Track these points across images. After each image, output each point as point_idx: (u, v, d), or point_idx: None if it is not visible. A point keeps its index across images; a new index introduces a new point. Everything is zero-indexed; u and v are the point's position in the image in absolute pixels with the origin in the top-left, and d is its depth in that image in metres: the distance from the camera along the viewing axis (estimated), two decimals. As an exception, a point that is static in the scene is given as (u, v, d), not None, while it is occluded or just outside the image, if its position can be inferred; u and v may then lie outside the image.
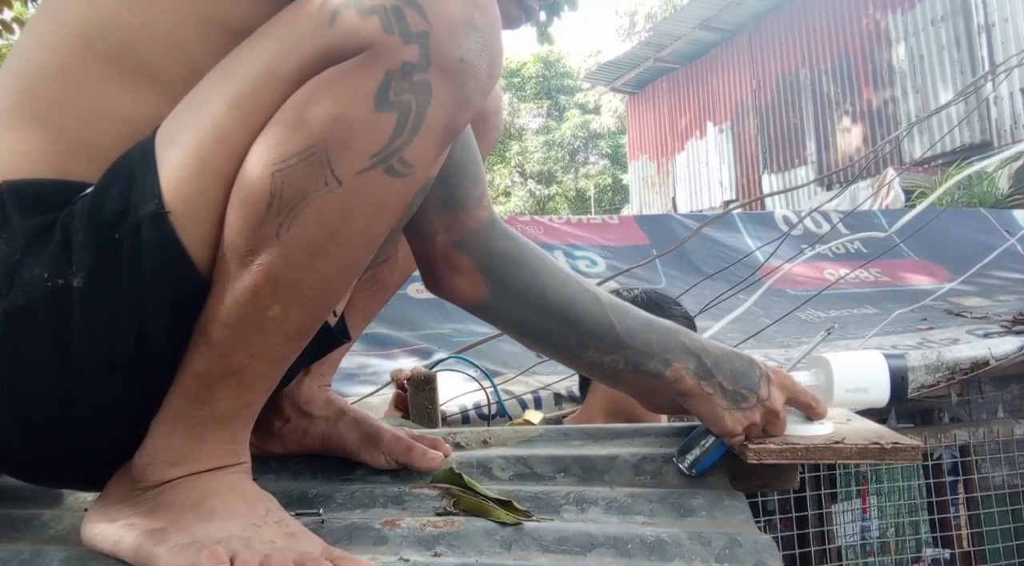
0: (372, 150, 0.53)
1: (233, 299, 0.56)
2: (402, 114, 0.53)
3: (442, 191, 0.67)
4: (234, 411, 0.60)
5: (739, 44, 9.77)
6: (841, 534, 1.97)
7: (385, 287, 0.90)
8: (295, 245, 0.55)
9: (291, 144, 0.53)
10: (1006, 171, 5.60)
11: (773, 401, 0.76)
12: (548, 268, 0.73)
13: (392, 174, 0.54)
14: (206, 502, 0.59)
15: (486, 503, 0.73)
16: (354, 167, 0.53)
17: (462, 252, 0.69)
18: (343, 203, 0.54)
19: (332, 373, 0.90)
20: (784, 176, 9.04)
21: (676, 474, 0.85)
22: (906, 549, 2.00)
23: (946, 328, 2.46)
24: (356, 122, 0.53)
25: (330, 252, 0.56)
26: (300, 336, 0.60)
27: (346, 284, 0.60)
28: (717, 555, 0.67)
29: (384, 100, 0.52)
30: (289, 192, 0.54)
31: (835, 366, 0.83)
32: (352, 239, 0.56)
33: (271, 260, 0.55)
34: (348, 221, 0.55)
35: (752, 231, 3.58)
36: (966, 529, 2.00)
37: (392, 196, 0.55)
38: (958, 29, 7.20)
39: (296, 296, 0.56)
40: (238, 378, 0.58)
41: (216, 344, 0.57)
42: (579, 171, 17.95)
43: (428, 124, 0.54)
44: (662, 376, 0.75)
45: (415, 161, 0.54)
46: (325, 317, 0.61)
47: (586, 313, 0.73)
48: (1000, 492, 1.99)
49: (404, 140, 0.53)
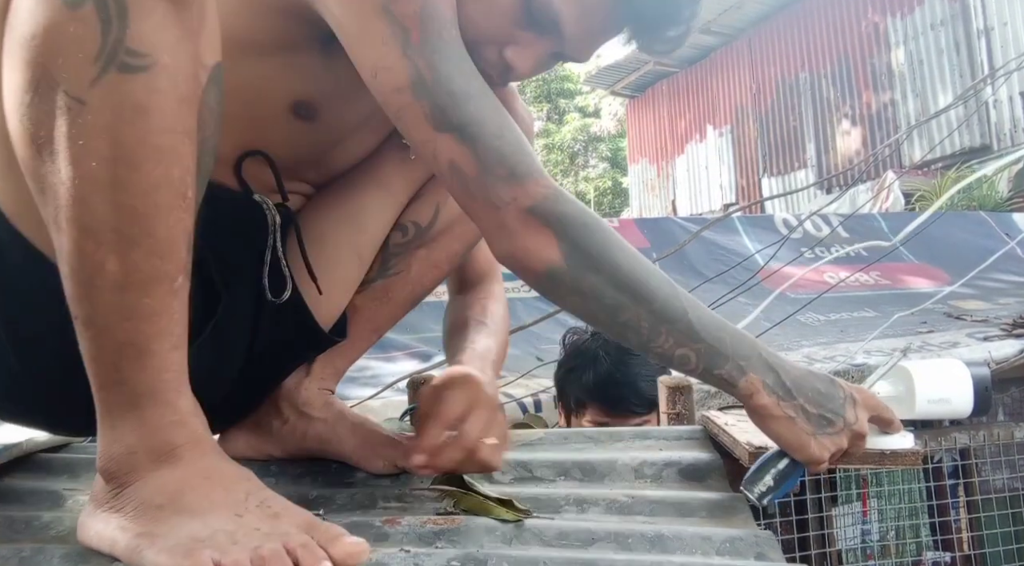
0: (90, 54, 0.49)
1: (70, 267, 0.54)
2: (98, 2, 0.48)
3: (504, 168, 0.66)
4: (152, 381, 0.57)
5: (739, 48, 9.78)
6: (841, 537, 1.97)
7: (395, 300, 0.89)
8: (83, 184, 0.51)
9: (17, 81, 0.50)
10: (1005, 174, 5.60)
11: (860, 425, 0.72)
12: (620, 240, 0.70)
13: (128, 70, 0.49)
14: (183, 497, 0.57)
15: (486, 502, 0.73)
16: (84, 79, 0.49)
17: (534, 215, 0.67)
18: (98, 121, 0.50)
19: (334, 379, 0.90)
20: (784, 179, 9.04)
21: (676, 477, 0.85)
22: (906, 552, 1.99)
23: (946, 331, 2.45)
24: (58, 31, 0.48)
25: (121, 179, 0.51)
26: (158, 280, 0.55)
27: (168, 208, 0.54)
28: (718, 548, 0.67)
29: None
30: (44, 131, 0.50)
31: (916, 376, 0.78)
32: (134, 157, 0.51)
33: (72, 211, 0.52)
34: (117, 139, 0.50)
35: (752, 234, 3.58)
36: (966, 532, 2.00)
37: (147, 95, 0.50)
38: (957, 33, 7.20)
39: (120, 239, 0.53)
40: (132, 348, 0.56)
41: (89, 322, 0.56)
42: (579, 174, 17.95)
43: (134, 1, 0.49)
44: (736, 385, 0.70)
45: (147, 47, 0.50)
46: (178, 254, 0.56)
47: (659, 291, 0.69)
48: (1000, 495, 1.98)
49: (118, 29, 0.49)
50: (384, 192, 0.85)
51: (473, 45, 0.71)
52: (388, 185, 0.85)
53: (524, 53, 0.75)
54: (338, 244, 0.82)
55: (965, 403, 0.78)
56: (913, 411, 0.78)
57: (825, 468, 0.73)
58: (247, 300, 0.76)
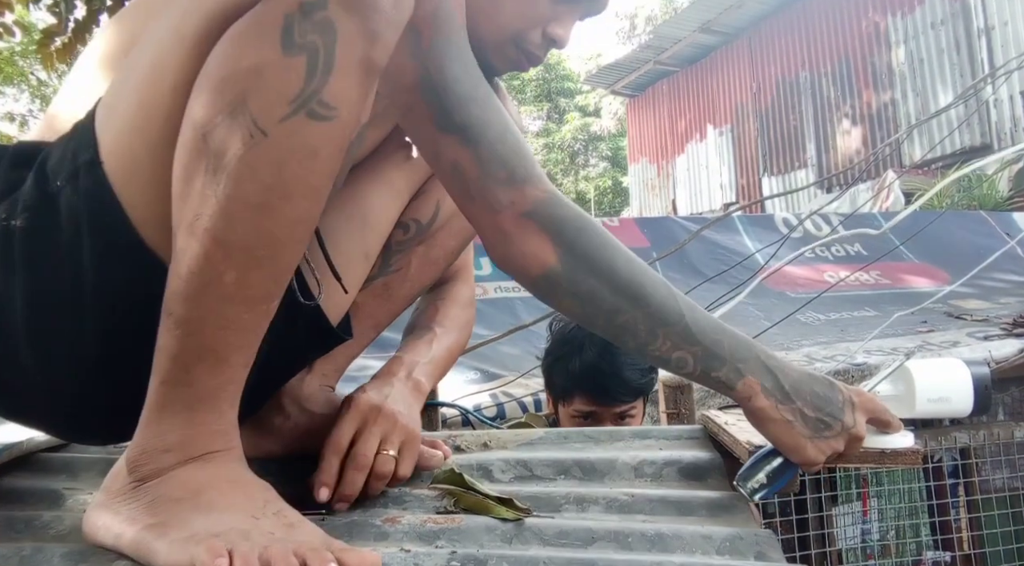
0: (289, 96, 0.53)
1: (188, 270, 0.56)
2: (311, 55, 0.53)
3: (504, 171, 0.67)
4: (217, 389, 0.60)
5: (739, 47, 9.78)
6: (842, 537, 1.97)
7: (395, 297, 0.90)
8: (236, 204, 0.55)
9: (213, 104, 0.54)
10: (1006, 173, 5.61)
11: (858, 429, 0.73)
12: (616, 244, 0.71)
13: (315, 118, 0.54)
14: (204, 494, 0.59)
15: (486, 501, 0.73)
16: (276, 115, 0.53)
17: (531, 219, 0.68)
18: (273, 154, 0.54)
19: (336, 375, 0.90)
20: (784, 179, 9.05)
21: (676, 476, 0.85)
22: (907, 552, 2.00)
23: (946, 331, 2.46)
24: (267, 70, 0.53)
25: (272, 207, 0.55)
26: (264, 300, 0.59)
27: (298, 241, 0.59)
28: (718, 547, 0.67)
29: (290, 44, 0.53)
30: (220, 151, 0.54)
31: (916, 375, 0.78)
32: (292, 191, 0.56)
33: (216, 223, 0.55)
34: (283, 172, 0.55)
35: (752, 233, 3.58)
36: (966, 532, 2.00)
37: (322, 141, 0.55)
38: (958, 32, 7.20)
39: (249, 258, 0.56)
40: (214, 354, 0.58)
41: (183, 321, 0.57)
42: (579, 174, 17.95)
43: (340, 62, 0.54)
44: (733, 388, 0.71)
45: (336, 102, 0.54)
46: (286, 279, 0.61)
47: (656, 294, 0.70)
48: (1000, 495, 1.98)
49: (319, 81, 0.53)
50: (388, 190, 0.86)
51: (518, 35, 0.78)
52: (392, 183, 0.86)
53: (566, 24, 0.81)
54: (346, 243, 0.83)
55: (965, 402, 0.78)
56: (913, 410, 0.78)
57: (818, 469, 0.74)
58: None
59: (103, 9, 2.48)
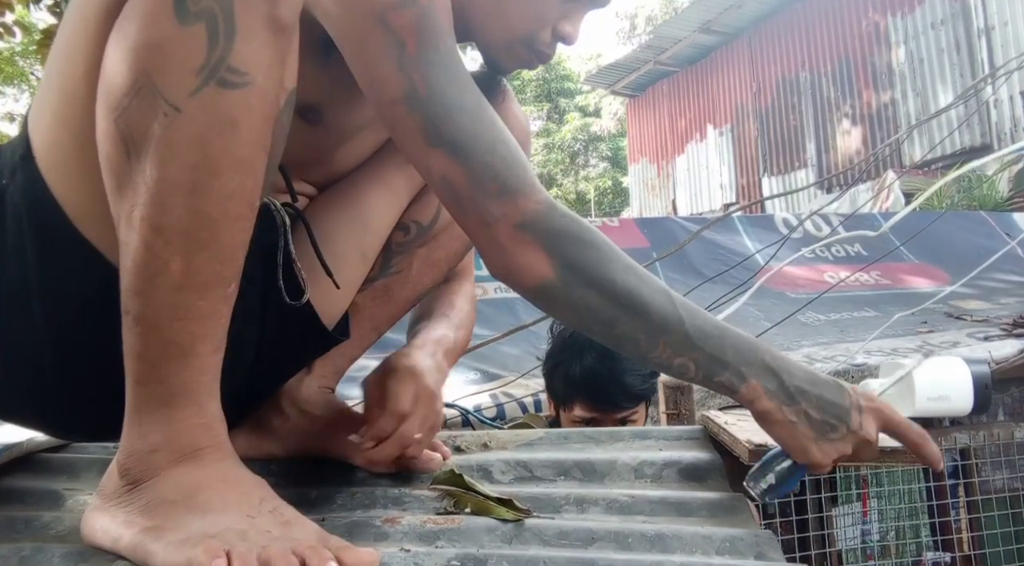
0: (194, 67, 0.52)
1: (134, 263, 0.56)
2: (209, 22, 0.52)
3: (495, 183, 0.66)
4: (190, 381, 0.59)
5: (739, 47, 9.78)
6: (841, 537, 1.97)
7: (396, 299, 0.89)
8: (164, 187, 0.54)
9: (119, 85, 0.53)
10: (1006, 174, 5.60)
11: (867, 432, 0.72)
12: (614, 253, 0.70)
13: (227, 86, 0.53)
14: (198, 495, 0.58)
15: (486, 502, 0.73)
16: (185, 89, 0.52)
17: (525, 231, 0.67)
18: (191, 129, 0.53)
19: (335, 377, 0.90)
20: (784, 179, 9.05)
21: (676, 477, 0.85)
22: (906, 552, 1.99)
23: (946, 331, 2.46)
24: (167, 44, 0.52)
25: (202, 185, 0.54)
26: (216, 284, 0.58)
27: (237, 217, 0.57)
28: (718, 548, 0.67)
29: (185, 13, 0.52)
30: (137, 134, 0.53)
31: (916, 373, 0.78)
32: (218, 166, 0.54)
33: (150, 210, 0.54)
34: (205, 147, 0.53)
35: (752, 234, 3.58)
36: (966, 532, 2.00)
37: (240, 109, 0.54)
38: (958, 32, 7.20)
39: (189, 242, 0.55)
40: (177, 347, 0.58)
41: (140, 318, 0.57)
42: (579, 174, 17.95)
43: (242, 25, 0.52)
44: (737, 391, 0.71)
45: (247, 67, 0.53)
46: (235, 261, 0.59)
47: (653, 302, 0.69)
48: (1000, 496, 1.98)
49: (224, 48, 0.52)
50: (388, 191, 0.85)
51: (528, 36, 0.76)
52: (391, 184, 0.85)
53: (575, 21, 0.80)
54: (343, 244, 0.82)
55: (965, 401, 0.78)
56: (913, 408, 0.78)
57: (826, 471, 0.73)
58: (254, 300, 0.76)
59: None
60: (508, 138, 0.67)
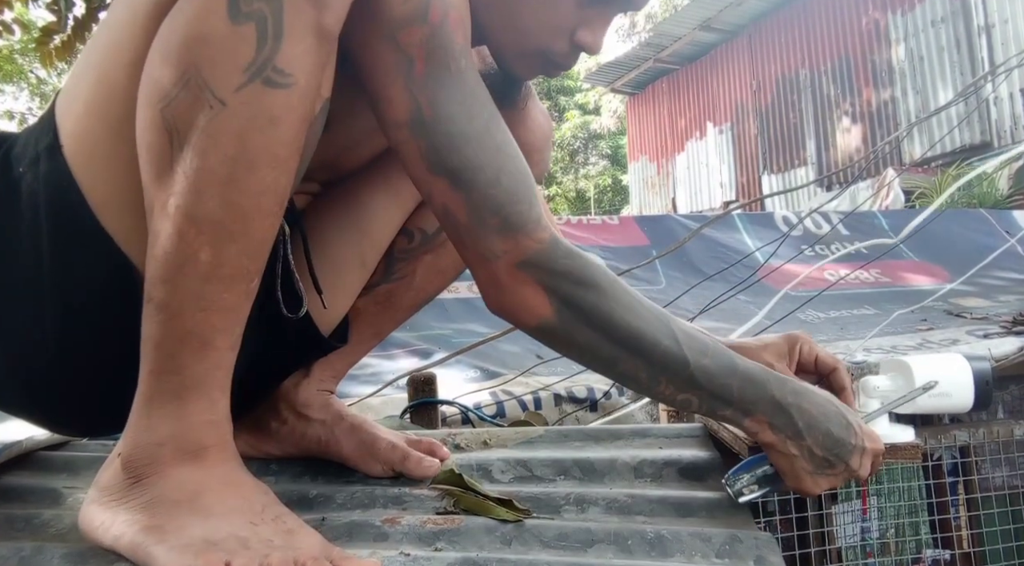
0: (243, 64, 0.53)
1: (163, 251, 0.56)
2: (259, 23, 0.53)
3: (497, 218, 0.64)
4: (205, 375, 0.59)
5: (739, 45, 9.77)
6: (841, 535, 1.97)
7: (398, 306, 0.89)
8: (202, 177, 0.55)
9: (167, 76, 0.55)
10: (1006, 172, 5.60)
11: (862, 471, 0.73)
12: (617, 293, 0.68)
13: (271, 85, 0.54)
14: (201, 497, 0.58)
15: (486, 502, 0.73)
16: (231, 84, 0.54)
17: (525, 272, 0.66)
18: (234, 123, 0.54)
19: (333, 380, 0.90)
20: (784, 177, 9.04)
21: (676, 476, 0.85)
22: (906, 550, 2.00)
23: (946, 329, 2.46)
24: (218, 40, 0.53)
25: (238, 178, 0.55)
26: (242, 278, 0.59)
27: (268, 213, 0.58)
28: (717, 551, 0.67)
29: (237, 12, 0.53)
30: (182, 124, 0.54)
31: (916, 369, 0.78)
32: (255, 160, 0.55)
33: (186, 199, 0.55)
34: (245, 141, 0.55)
35: (752, 232, 3.58)
36: (966, 530, 2.00)
37: (281, 109, 0.55)
38: (958, 30, 7.20)
39: (221, 233, 0.56)
40: (198, 338, 0.58)
41: (163, 306, 0.57)
42: (579, 172, 17.95)
43: (290, 29, 0.54)
44: (740, 424, 0.72)
45: (291, 68, 0.55)
46: (261, 256, 0.60)
47: (657, 346, 0.68)
48: (1000, 493, 1.98)
49: (271, 48, 0.54)
50: (391, 197, 0.84)
51: (542, 46, 0.72)
52: (396, 189, 0.84)
53: (597, 29, 0.74)
54: (342, 250, 0.82)
55: (965, 397, 0.77)
56: (913, 405, 0.78)
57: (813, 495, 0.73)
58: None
59: (102, 7, 2.47)
60: (515, 168, 0.65)
